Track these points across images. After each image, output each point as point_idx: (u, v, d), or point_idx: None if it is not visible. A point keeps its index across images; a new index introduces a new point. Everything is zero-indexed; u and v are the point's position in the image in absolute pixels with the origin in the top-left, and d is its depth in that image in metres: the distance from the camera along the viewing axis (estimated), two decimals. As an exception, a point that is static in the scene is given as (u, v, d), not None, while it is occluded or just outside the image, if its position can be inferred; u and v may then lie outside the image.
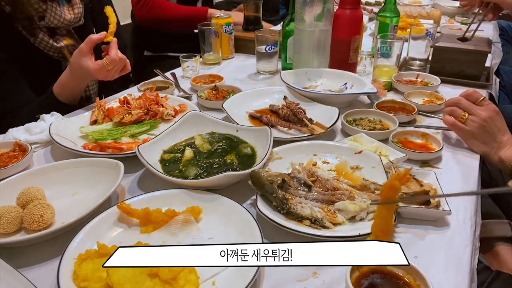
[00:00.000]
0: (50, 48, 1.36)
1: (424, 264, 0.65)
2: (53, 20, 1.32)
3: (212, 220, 0.81)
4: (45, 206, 0.80)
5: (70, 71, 1.28)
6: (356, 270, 0.62)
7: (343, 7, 1.44)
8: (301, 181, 0.86)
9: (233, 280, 0.66)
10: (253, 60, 1.69)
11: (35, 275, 0.70)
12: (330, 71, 1.48)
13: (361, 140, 1.07)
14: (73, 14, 1.38)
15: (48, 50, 1.36)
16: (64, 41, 1.39)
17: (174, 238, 0.77)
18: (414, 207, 0.81)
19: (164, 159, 1.00)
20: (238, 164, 0.99)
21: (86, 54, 1.23)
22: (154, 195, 0.85)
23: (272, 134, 1.00)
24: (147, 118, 1.24)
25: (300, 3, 1.37)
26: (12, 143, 1.06)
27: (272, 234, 0.78)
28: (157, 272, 0.65)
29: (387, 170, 0.91)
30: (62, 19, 1.34)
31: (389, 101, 1.33)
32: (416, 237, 0.79)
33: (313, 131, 1.10)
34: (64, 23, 1.36)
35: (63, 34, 1.40)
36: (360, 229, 0.75)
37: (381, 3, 2.73)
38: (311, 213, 0.78)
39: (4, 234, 0.78)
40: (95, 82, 1.53)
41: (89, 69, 1.23)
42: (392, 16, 1.67)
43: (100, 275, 0.66)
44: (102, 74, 1.26)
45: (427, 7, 2.64)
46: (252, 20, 1.96)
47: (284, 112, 1.22)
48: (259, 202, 0.81)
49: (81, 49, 1.23)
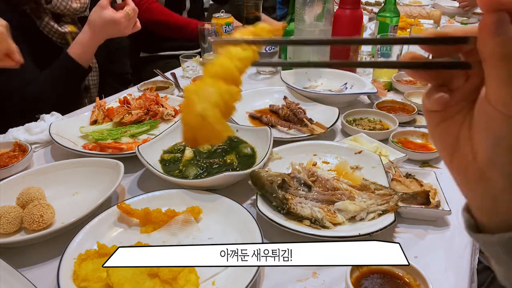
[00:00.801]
0: (54, 33, 1.39)
1: (424, 264, 0.65)
2: (59, 5, 1.35)
3: (212, 220, 0.81)
4: (45, 206, 0.80)
5: (91, 28, 1.31)
6: (356, 270, 0.62)
7: (343, 7, 1.44)
8: (301, 181, 0.86)
9: (233, 280, 0.66)
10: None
11: (35, 275, 0.70)
12: (330, 71, 1.48)
13: (361, 140, 1.07)
14: (80, 3, 1.41)
15: (52, 35, 1.39)
16: (68, 27, 1.42)
17: (174, 238, 0.77)
18: (414, 207, 0.81)
19: (164, 159, 1.00)
20: (238, 164, 0.99)
21: (106, 6, 1.28)
22: (154, 195, 0.85)
23: (272, 134, 1.00)
24: (147, 118, 1.24)
25: (300, 3, 1.37)
26: (12, 143, 1.06)
27: (272, 234, 0.78)
28: (157, 272, 0.65)
29: (387, 170, 0.91)
30: (69, 6, 1.37)
31: (389, 101, 1.33)
32: (416, 237, 0.79)
33: (313, 131, 1.10)
34: (70, 10, 1.39)
35: (68, 22, 1.43)
36: (360, 229, 0.75)
37: (381, 3, 2.73)
38: (311, 213, 0.78)
39: (4, 234, 0.78)
40: (96, 73, 1.54)
41: (114, 19, 1.28)
42: (392, 16, 1.67)
43: (100, 275, 0.66)
44: (124, 24, 1.31)
45: (427, 7, 2.64)
46: (252, 20, 1.96)
47: (284, 112, 1.22)
48: (259, 202, 0.81)
49: (101, 3, 1.28)
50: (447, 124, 0.36)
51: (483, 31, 0.29)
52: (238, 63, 0.39)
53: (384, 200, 0.81)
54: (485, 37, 0.29)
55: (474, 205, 0.36)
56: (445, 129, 0.36)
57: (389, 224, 0.75)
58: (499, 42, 0.28)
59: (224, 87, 0.38)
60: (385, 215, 0.79)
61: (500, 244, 0.33)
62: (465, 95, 0.34)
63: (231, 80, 0.39)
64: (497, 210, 0.34)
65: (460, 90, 0.34)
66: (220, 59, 0.39)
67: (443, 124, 0.36)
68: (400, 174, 0.90)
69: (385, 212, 0.79)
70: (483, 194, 0.34)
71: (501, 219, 0.34)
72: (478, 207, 0.36)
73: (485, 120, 0.31)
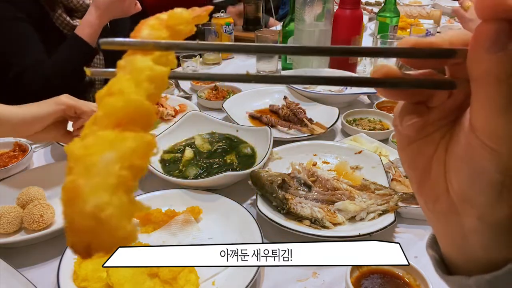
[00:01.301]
0: (66, 25, 1.43)
1: (424, 264, 0.65)
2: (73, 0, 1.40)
3: (212, 220, 0.81)
4: (45, 206, 0.80)
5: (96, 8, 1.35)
6: (356, 270, 0.62)
7: (343, 7, 1.44)
8: (301, 181, 0.86)
9: (233, 280, 0.66)
10: (253, 60, 1.69)
11: (35, 275, 0.70)
12: (330, 71, 1.48)
13: (361, 140, 1.07)
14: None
15: (63, 28, 1.43)
16: (79, 22, 1.45)
17: (174, 238, 0.77)
18: (414, 207, 0.81)
19: (164, 159, 1.01)
20: (238, 164, 0.99)
21: None
22: (154, 195, 0.85)
23: (272, 134, 1.00)
24: (147, 118, 1.24)
25: (300, 3, 1.37)
26: (12, 143, 1.06)
27: (272, 234, 0.78)
28: (157, 272, 0.65)
29: (387, 170, 0.91)
30: (82, 1, 1.43)
31: (389, 101, 1.32)
32: (416, 237, 0.79)
33: (313, 131, 1.10)
34: (83, 6, 1.45)
35: (79, 17, 1.47)
36: (360, 229, 0.75)
37: (381, 3, 2.73)
38: (311, 213, 0.78)
39: (4, 234, 0.78)
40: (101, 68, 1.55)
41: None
42: (392, 16, 1.67)
43: (100, 275, 0.66)
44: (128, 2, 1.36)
45: (427, 7, 2.64)
46: (252, 20, 1.96)
47: (284, 112, 1.22)
48: (259, 202, 0.81)
49: None
50: (420, 143, 0.29)
51: (477, 44, 0.22)
52: (150, 86, 0.24)
53: (384, 200, 0.81)
54: (478, 51, 0.22)
55: (443, 239, 0.31)
56: (417, 150, 0.29)
57: (389, 224, 0.75)
58: (495, 60, 0.21)
59: (130, 142, 0.23)
60: (385, 215, 0.79)
61: (478, 287, 0.27)
62: (446, 113, 0.27)
63: (140, 120, 0.24)
64: (469, 249, 0.28)
65: (441, 108, 0.27)
66: (120, 82, 0.24)
67: (416, 144, 0.29)
68: (400, 174, 0.90)
69: (385, 212, 0.79)
70: (452, 229, 0.29)
71: (474, 257, 0.28)
72: (447, 241, 0.30)
73: (466, 150, 0.25)
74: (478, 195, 0.25)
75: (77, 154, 0.24)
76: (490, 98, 0.22)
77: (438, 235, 0.32)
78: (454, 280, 0.29)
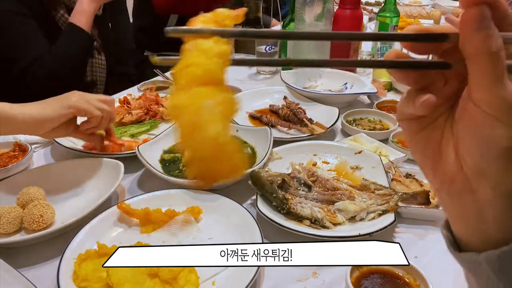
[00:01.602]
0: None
1: (424, 264, 0.65)
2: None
3: (212, 220, 0.81)
4: (45, 206, 0.80)
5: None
6: (356, 270, 0.63)
7: (343, 7, 1.44)
8: (301, 181, 0.86)
9: (233, 280, 0.66)
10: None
11: (35, 275, 0.70)
12: (330, 71, 1.48)
13: (361, 140, 1.07)
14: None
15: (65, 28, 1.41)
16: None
17: (174, 238, 0.77)
18: (414, 207, 0.81)
19: (164, 159, 1.00)
20: (238, 164, 0.99)
21: None
22: (154, 195, 0.85)
23: (272, 134, 1.00)
24: (147, 118, 1.24)
25: (300, 3, 1.37)
26: (12, 143, 1.06)
27: (272, 234, 0.78)
28: (157, 272, 0.65)
29: (387, 170, 0.91)
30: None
31: (389, 101, 1.33)
32: (416, 237, 0.79)
33: (313, 131, 1.10)
34: None
35: None
36: (360, 229, 0.75)
37: (381, 3, 2.73)
38: (311, 213, 0.78)
39: (4, 234, 0.78)
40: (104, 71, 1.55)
41: None
42: (392, 16, 1.67)
43: (100, 275, 0.66)
44: None
45: (427, 7, 2.64)
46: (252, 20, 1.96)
47: (284, 112, 1.22)
48: (259, 202, 0.81)
49: None
50: (428, 130, 0.32)
51: (465, 27, 0.26)
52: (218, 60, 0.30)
53: (384, 200, 0.81)
54: (467, 32, 0.26)
55: (457, 223, 0.33)
56: (426, 137, 0.33)
57: (389, 224, 0.75)
58: (483, 37, 0.26)
59: (221, 95, 0.28)
60: (385, 215, 0.79)
61: (488, 262, 0.29)
62: (444, 99, 0.31)
63: (216, 83, 0.30)
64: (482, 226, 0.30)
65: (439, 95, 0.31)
66: (193, 58, 0.30)
67: (424, 132, 0.33)
68: (400, 174, 0.90)
69: (385, 212, 0.79)
70: (467, 209, 0.31)
71: (487, 236, 0.30)
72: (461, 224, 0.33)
73: (471, 124, 0.28)
74: (490, 164, 0.28)
75: (181, 104, 0.29)
76: (484, 70, 0.26)
77: (452, 219, 0.34)
78: (465, 256, 0.32)
